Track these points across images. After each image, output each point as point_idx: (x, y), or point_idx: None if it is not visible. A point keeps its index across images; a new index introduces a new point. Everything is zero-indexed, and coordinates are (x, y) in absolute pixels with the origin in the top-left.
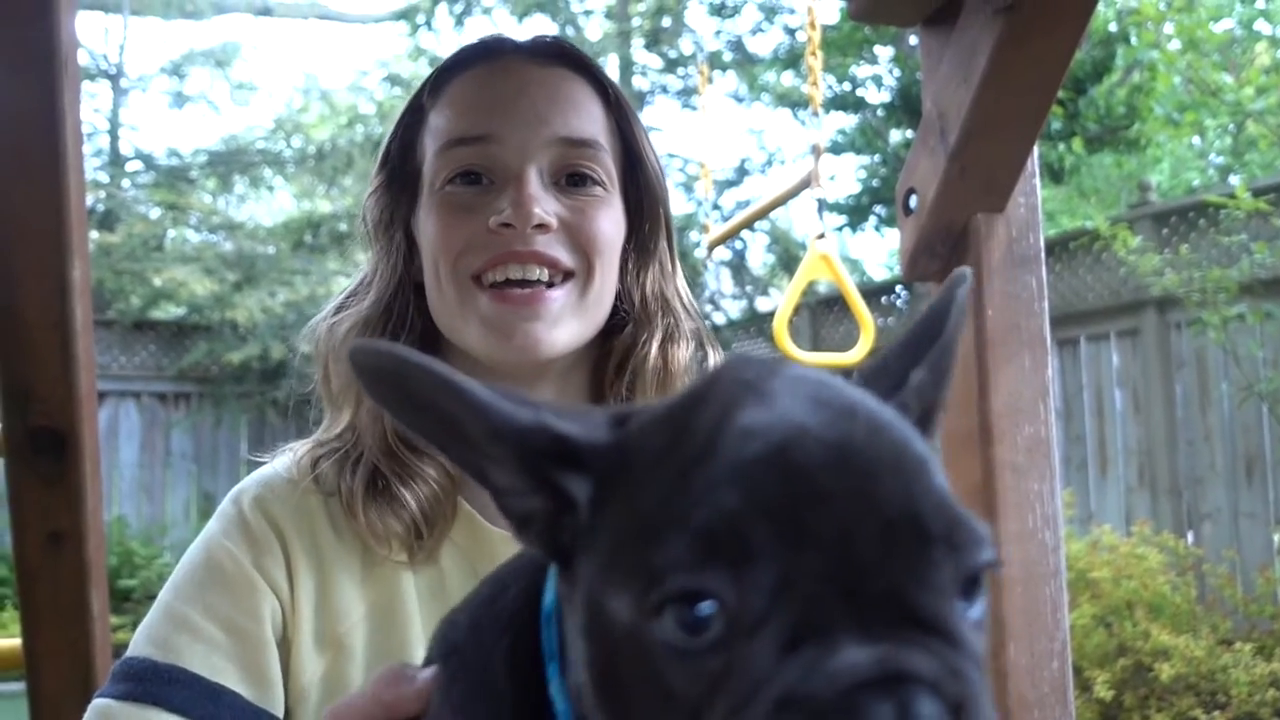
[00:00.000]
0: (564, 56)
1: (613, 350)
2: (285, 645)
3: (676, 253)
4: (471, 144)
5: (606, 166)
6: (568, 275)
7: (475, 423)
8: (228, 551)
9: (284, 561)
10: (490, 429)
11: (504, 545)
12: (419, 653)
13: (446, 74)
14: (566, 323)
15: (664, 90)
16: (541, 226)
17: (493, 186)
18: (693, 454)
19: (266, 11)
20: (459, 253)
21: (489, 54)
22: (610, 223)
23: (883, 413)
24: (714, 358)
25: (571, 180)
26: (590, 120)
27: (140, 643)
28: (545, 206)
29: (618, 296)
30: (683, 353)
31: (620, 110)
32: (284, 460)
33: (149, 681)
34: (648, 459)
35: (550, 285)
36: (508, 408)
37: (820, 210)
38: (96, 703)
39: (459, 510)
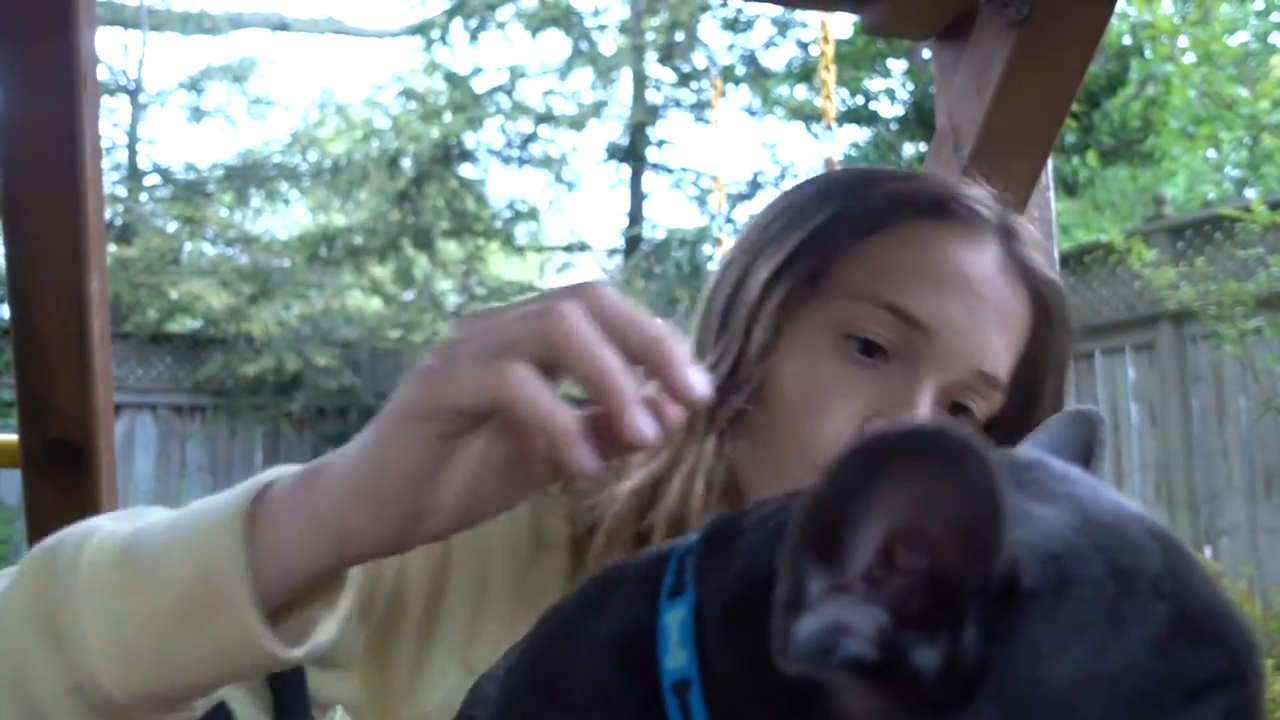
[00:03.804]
0: (1027, 273)
1: None
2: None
3: None
4: (903, 321)
5: (995, 406)
6: None
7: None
8: None
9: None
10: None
11: None
12: None
13: (913, 202)
14: None
15: (677, 104)
16: None
17: (887, 365)
18: (1170, 621)
19: (284, 27)
20: (825, 433)
21: (967, 221)
22: None
23: None
24: None
25: (953, 409)
26: (1011, 357)
27: None
28: None
29: None
30: None
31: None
32: None
33: None
34: (1088, 606)
35: None
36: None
37: None
38: None
39: None
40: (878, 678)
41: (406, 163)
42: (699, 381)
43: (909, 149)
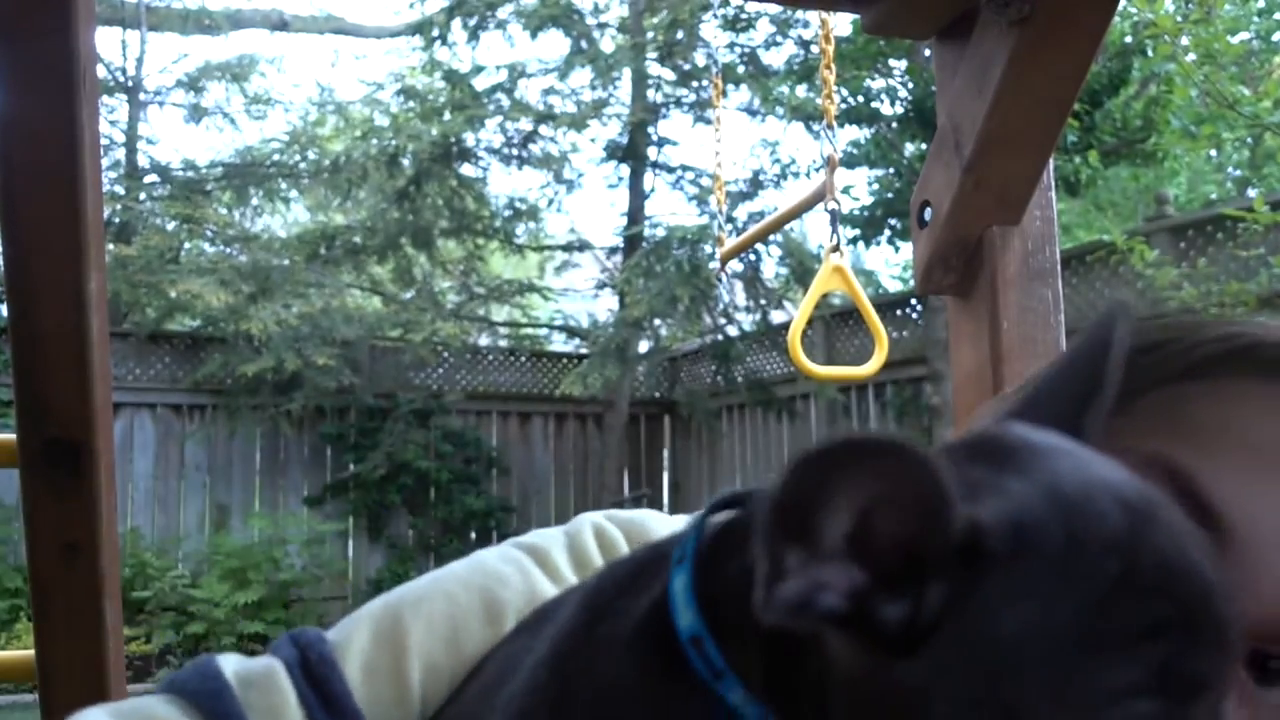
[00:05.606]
0: None
1: None
2: None
3: None
4: (1195, 506)
5: None
6: None
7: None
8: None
9: None
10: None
11: None
12: None
13: (1257, 352)
14: None
15: (678, 103)
16: None
17: None
18: (1119, 577)
19: (283, 26)
20: None
21: None
22: None
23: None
24: None
25: (1255, 662)
26: None
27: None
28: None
29: None
30: None
31: None
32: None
33: None
34: (1042, 567)
35: None
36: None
37: (834, 223)
38: None
39: None
40: (848, 628)
41: (406, 162)
42: None
43: (909, 148)
